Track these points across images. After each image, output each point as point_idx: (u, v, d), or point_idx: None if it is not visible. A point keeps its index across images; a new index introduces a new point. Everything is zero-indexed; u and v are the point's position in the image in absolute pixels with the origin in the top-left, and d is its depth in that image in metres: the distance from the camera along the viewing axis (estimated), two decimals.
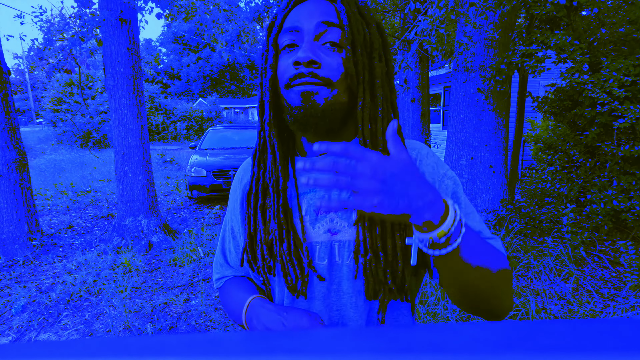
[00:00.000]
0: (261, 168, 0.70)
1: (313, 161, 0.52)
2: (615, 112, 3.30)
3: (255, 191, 0.70)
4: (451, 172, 0.69)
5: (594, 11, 3.76)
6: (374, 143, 0.64)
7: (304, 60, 0.60)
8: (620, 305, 2.68)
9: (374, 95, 0.65)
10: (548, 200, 4.29)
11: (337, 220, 0.67)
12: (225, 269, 0.82)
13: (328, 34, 0.63)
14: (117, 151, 4.21)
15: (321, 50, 0.62)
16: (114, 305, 2.93)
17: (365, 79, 0.64)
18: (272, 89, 0.66)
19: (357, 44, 0.63)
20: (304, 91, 0.61)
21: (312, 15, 0.63)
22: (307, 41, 0.62)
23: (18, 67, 39.75)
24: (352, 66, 0.63)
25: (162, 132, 20.56)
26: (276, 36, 0.66)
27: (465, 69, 4.14)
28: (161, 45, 38.48)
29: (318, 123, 0.63)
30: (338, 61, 0.62)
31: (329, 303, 0.67)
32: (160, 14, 5.16)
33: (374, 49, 0.65)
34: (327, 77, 0.61)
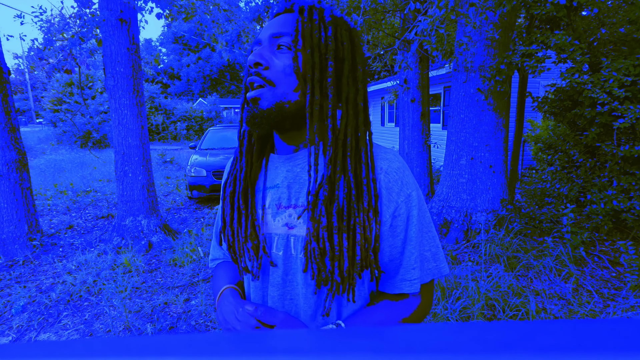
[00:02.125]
0: (237, 159, 0.77)
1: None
2: (615, 112, 3.30)
3: (232, 179, 0.76)
4: (415, 193, 0.71)
5: (594, 11, 3.76)
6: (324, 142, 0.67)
7: (250, 63, 0.68)
8: (620, 305, 2.68)
9: (324, 93, 0.68)
10: (548, 200, 4.29)
11: (294, 215, 0.71)
12: (217, 250, 0.92)
13: (282, 38, 0.69)
14: (117, 151, 4.21)
15: (273, 54, 0.68)
16: (114, 305, 2.93)
17: (316, 77, 0.67)
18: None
19: (307, 45, 0.67)
20: (249, 98, 0.69)
21: (268, 29, 0.70)
22: (260, 47, 0.69)
23: (18, 67, 39.74)
24: (300, 65, 0.67)
25: (162, 132, 20.56)
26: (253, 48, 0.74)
27: (465, 69, 4.14)
28: (161, 45, 38.47)
29: (264, 122, 0.68)
30: (286, 61, 0.68)
31: (283, 292, 0.72)
32: (160, 14, 5.16)
33: (329, 50, 0.68)
34: (271, 79, 0.67)
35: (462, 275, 3.13)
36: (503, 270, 3.19)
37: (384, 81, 10.71)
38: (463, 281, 2.98)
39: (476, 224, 4.10)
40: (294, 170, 0.73)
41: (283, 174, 0.73)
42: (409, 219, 0.70)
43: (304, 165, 0.72)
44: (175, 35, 35.02)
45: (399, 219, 0.69)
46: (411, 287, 0.72)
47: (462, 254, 3.76)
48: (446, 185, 4.42)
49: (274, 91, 0.67)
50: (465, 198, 4.24)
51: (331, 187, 0.65)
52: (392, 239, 0.70)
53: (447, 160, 4.45)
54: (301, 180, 0.71)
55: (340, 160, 0.66)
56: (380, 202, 0.69)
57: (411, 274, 0.71)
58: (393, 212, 0.69)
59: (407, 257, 0.71)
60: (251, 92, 0.69)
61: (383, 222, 0.69)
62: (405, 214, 0.70)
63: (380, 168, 0.70)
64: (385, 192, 0.69)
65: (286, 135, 0.74)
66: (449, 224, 4.24)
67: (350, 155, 0.66)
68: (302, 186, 0.71)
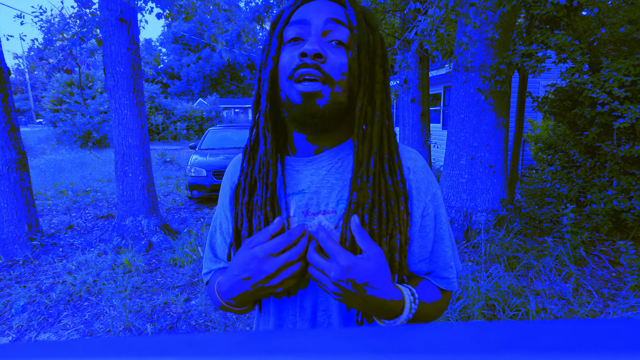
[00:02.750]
0: (251, 164, 0.69)
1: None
2: (615, 112, 3.30)
3: (244, 186, 0.69)
4: (439, 191, 0.70)
5: (594, 11, 3.76)
6: (366, 146, 0.63)
7: (311, 52, 0.59)
8: (620, 305, 2.68)
9: (372, 98, 0.65)
10: (548, 200, 4.29)
11: (324, 222, 0.66)
12: (213, 263, 0.81)
13: (335, 32, 0.63)
14: (117, 151, 4.21)
15: (327, 47, 0.62)
16: (114, 305, 2.93)
17: (366, 82, 0.64)
18: (271, 82, 0.65)
19: (362, 46, 0.63)
20: (304, 92, 0.60)
21: (321, 12, 0.63)
22: (315, 34, 0.62)
23: (18, 67, 39.74)
24: (357, 67, 0.62)
25: (162, 132, 20.56)
26: (282, 29, 0.66)
27: (465, 69, 4.14)
28: (161, 45, 38.46)
29: (317, 123, 0.63)
30: (343, 60, 0.62)
31: (316, 302, 0.68)
32: (160, 14, 5.16)
33: (376, 55, 0.66)
34: (329, 74, 0.61)
35: (462, 275, 3.13)
36: (503, 270, 3.19)
37: None
38: (463, 281, 2.98)
39: (476, 224, 4.10)
40: (319, 174, 0.68)
41: (307, 178, 0.68)
42: (437, 217, 0.69)
43: (330, 168, 0.68)
44: (175, 35, 35.02)
45: (427, 219, 0.68)
46: (449, 285, 0.71)
47: (462, 254, 3.76)
48: (446, 185, 4.42)
49: (332, 88, 0.62)
50: (465, 198, 4.24)
51: (372, 196, 0.62)
52: (421, 240, 0.68)
53: (447, 160, 4.45)
54: (328, 184, 0.67)
55: (379, 164, 0.64)
56: (411, 203, 0.67)
57: (449, 272, 0.70)
58: (422, 212, 0.67)
59: (442, 255, 0.70)
60: (308, 84, 0.60)
61: (413, 224, 0.67)
62: (433, 213, 0.68)
63: (408, 168, 0.68)
64: (415, 193, 0.67)
65: (314, 136, 0.68)
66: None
67: (387, 158, 0.65)
68: (331, 190, 0.67)
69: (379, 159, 0.64)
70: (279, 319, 0.71)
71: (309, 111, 0.61)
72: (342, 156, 0.69)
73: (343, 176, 0.67)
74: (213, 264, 0.81)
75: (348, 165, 0.68)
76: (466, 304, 2.67)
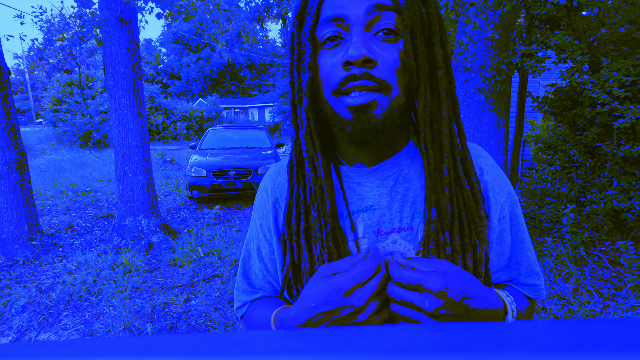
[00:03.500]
0: (300, 184, 0.59)
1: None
2: (615, 112, 3.30)
3: (297, 212, 0.59)
4: (512, 190, 0.62)
5: (594, 11, 3.76)
6: (437, 149, 0.54)
7: (357, 58, 0.49)
8: (620, 305, 2.68)
9: (436, 90, 0.54)
10: (548, 200, 4.29)
11: (400, 242, 0.57)
12: (249, 294, 0.69)
13: (382, 20, 0.51)
14: (117, 151, 4.21)
15: (374, 43, 0.51)
16: (114, 305, 2.93)
17: (426, 73, 0.53)
18: (310, 94, 0.55)
19: (416, 29, 0.52)
20: (355, 105, 0.50)
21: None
22: (358, 33, 0.50)
23: (18, 67, 39.75)
24: (412, 59, 0.52)
25: (162, 132, 20.57)
26: (313, 28, 0.54)
27: (465, 69, 4.14)
28: (161, 45, 38.47)
29: (378, 138, 0.52)
30: (395, 55, 0.51)
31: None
32: (160, 14, 5.16)
33: (432, 33, 0.54)
34: (384, 80, 0.50)
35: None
36: None
37: None
38: None
39: None
40: (387, 185, 0.58)
41: (374, 191, 0.58)
42: (513, 219, 0.61)
43: (397, 177, 0.58)
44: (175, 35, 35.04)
45: (504, 222, 0.60)
46: (537, 294, 0.62)
47: None
48: None
49: (389, 94, 0.51)
50: None
51: (451, 209, 0.54)
52: (499, 246, 0.60)
53: None
54: (398, 196, 0.58)
55: (452, 169, 0.54)
56: (488, 206, 0.58)
57: (534, 279, 0.62)
58: (499, 215, 0.59)
59: (524, 260, 0.61)
60: (362, 96, 0.50)
61: (492, 229, 0.58)
62: (509, 214, 0.60)
63: (481, 168, 0.59)
64: (491, 195, 0.58)
65: (371, 150, 0.58)
66: None
67: (460, 159, 0.56)
68: (403, 204, 0.57)
69: (452, 162, 0.55)
70: None
71: (366, 127, 0.51)
72: (407, 162, 0.59)
73: (412, 185, 0.58)
74: (247, 295, 0.69)
75: (415, 172, 0.59)
76: None
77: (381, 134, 0.52)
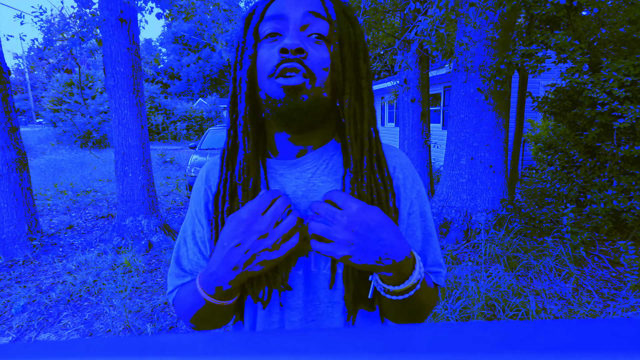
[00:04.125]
0: (229, 169, 0.65)
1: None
2: (615, 112, 3.30)
3: (223, 193, 0.64)
4: (423, 189, 0.69)
5: (594, 11, 3.76)
6: (358, 144, 0.61)
7: (292, 47, 0.56)
8: (620, 305, 2.68)
9: (360, 95, 0.62)
10: (548, 200, 4.29)
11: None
12: (180, 278, 0.72)
13: (314, 25, 0.60)
14: (117, 151, 4.21)
15: (307, 42, 0.59)
16: (114, 305, 2.93)
17: (351, 77, 0.61)
18: (249, 81, 0.61)
19: (344, 40, 0.60)
20: (287, 85, 0.57)
21: (298, 5, 0.60)
22: (294, 29, 0.58)
23: (18, 67, 39.73)
24: (339, 62, 0.60)
25: (162, 132, 20.58)
26: (257, 25, 0.62)
27: (465, 69, 4.14)
28: (161, 45, 38.47)
29: (302, 118, 0.59)
30: (324, 55, 0.59)
31: (306, 314, 0.65)
32: (160, 14, 5.16)
33: (358, 49, 0.63)
34: (311, 70, 0.58)
35: (462, 275, 3.13)
36: (503, 270, 3.19)
37: (384, 81, 10.72)
38: (463, 281, 2.98)
39: (476, 224, 4.10)
40: (304, 177, 0.65)
41: (292, 182, 0.65)
42: (423, 215, 0.68)
43: (315, 170, 0.65)
44: (175, 35, 35.03)
45: (413, 217, 0.67)
46: (439, 280, 0.70)
47: (462, 254, 3.76)
48: (446, 185, 4.42)
49: (313, 84, 0.58)
50: (465, 198, 4.24)
51: (366, 196, 0.60)
52: (409, 239, 0.67)
53: (447, 160, 4.45)
54: (314, 187, 0.65)
55: (369, 163, 0.61)
56: (398, 201, 0.66)
57: (439, 267, 0.70)
58: (408, 210, 0.66)
59: (432, 252, 0.69)
60: (291, 78, 0.57)
61: (401, 222, 0.66)
62: (419, 210, 0.67)
63: (394, 167, 0.67)
64: (402, 190, 0.66)
65: (298, 136, 0.65)
66: (449, 224, 4.24)
67: (377, 157, 0.63)
68: (318, 194, 0.64)
69: (370, 157, 0.62)
70: None
71: (294, 106, 0.58)
72: (327, 158, 0.66)
73: (329, 178, 0.65)
74: (179, 279, 0.71)
75: (334, 166, 0.65)
76: (466, 304, 2.67)
77: (305, 115, 0.59)
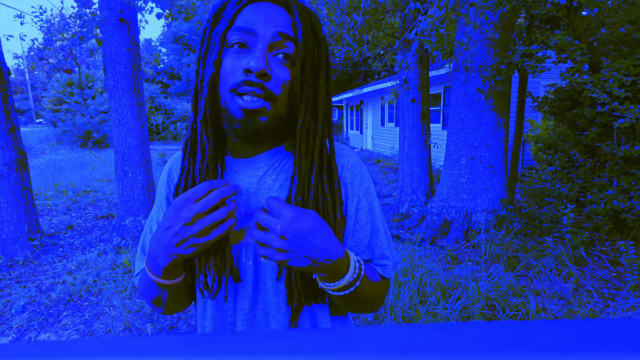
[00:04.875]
0: (191, 163, 0.68)
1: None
2: (615, 112, 3.30)
3: (184, 185, 0.68)
4: (372, 186, 0.74)
5: (594, 11, 3.76)
6: (307, 159, 0.65)
7: (256, 70, 0.58)
8: (620, 305, 2.68)
9: (315, 112, 0.66)
10: (548, 200, 4.29)
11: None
12: (143, 262, 0.78)
13: (282, 45, 0.62)
14: (117, 151, 4.21)
15: (273, 62, 0.61)
16: (114, 305, 2.93)
17: (309, 97, 0.64)
18: (211, 86, 0.63)
19: (307, 62, 0.63)
20: (247, 108, 0.60)
21: (269, 22, 0.61)
22: (261, 49, 0.60)
23: (18, 67, 39.73)
24: (299, 84, 0.63)
25: (162, 132, 20.58)
26: (225, 33, 0.63)
27: (465, 69, 4.14)
28: (161, 45, 38.49)
29: (260, 138, 0.64)
30: (286, 77, 0.62)
31: (255, 302, 0.69)
32: (160, 14, 5.16)
33: (320, 69, 0.66)
34: (272, 92, 0.61)
35: (462, 275, 3.13)
36: (503, 270, 3.19)
37: (384, 81, 10.72)
38: (463, 281, 2.98)
39: (476, 224, 4.10)
40: (257, 175, 0.69)
41: (245, 179, 0.69)
42: (371, 211, 0.72)
43: (267, 169, 0.69)
44: (175, 35, 35.04)
45: (361, 212, 0.71)
46: (385, 271, 0.74)
47: (462, 254, 3.76)
48: (446, 185, 4.42)
49: (274, 106, 0.62)
50: (465, 198, 4.24)
51: (312, 204, 0.64)
52: (358, 233, 0.71)
53: (447, 160, 4.45)
54: (266, 185, 0.69)
55: (318, 176, 0.65)
56: (346, 198, 0.70)
57: (385, 260, 0.74)
58: (356, 206, 0.71)
59: (378, 246, 0.73)
60: (253, 102, 0.60)
61: (349, 217, 0.70)
62: (367, 207, 0.72)
63: (342, 166, 0.71)
64: (349, 188, 0.70)
65: (254, 147, 0.69)
66: (449, 224, 4.24)
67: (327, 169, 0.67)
68: (268, 191, 0.68)
69: (319, 172, 0.65)
70: (216, 322, 0.72)
71: (252, 127, 0.61)
72: (279, 158, 0.70)
73: (279, 177, 0.69)
74: (143, 262, 0.77)
75: (284, 166, 0.70)
76: (466, 304, 2.67)
77: (261, 137, 0.64)
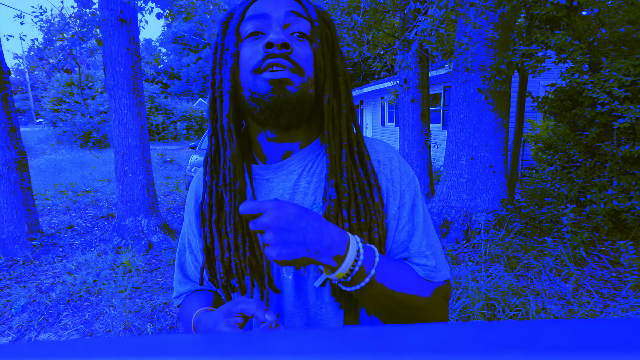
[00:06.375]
0: (214, 178, 0.63)
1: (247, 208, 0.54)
2: (615, 112, 3.30)
3: (209, 202, 0.63)
4: (414, 180, 0.67)
5: (594, 11, 3.76)
6: (337, 138, 0.61)
7: (277, 42, 0.56)
8: (620, 305, 2.68)
9: (337, 91, 0.63)
10: (548, 200, 4.29)
11: None
12: (184, 285, 0.77)
13: (296, 24, 0.61)
14: (117, 151, 4.21)
15: (290, 39, 0.59)
16: (114, 305, 2.93)
17: (330, 74, 0.62)
18: (232, 79, 0.60)
19: (323, 39, 0.62)
20: (274, 79, 0.56)
21: (279, 5, 0.61)
22: (277, 25, 0.59)
23: (18, 67, 39.71)
24: (321, 59, 0.61)
25: (162, 132, 20.57)
26: (238, 25, 0.62)
27: (465, 69, 4.14)
28: (161, 45, 38.48)
29: (291, 111, 0.59)
30: (307, 51, 0.60)
31: (297, 320, 0.65)
32: (160, 14, 5.16)
33: (335, 48, 0.65)
34: (297, 63, 0.58)
35: (462, 275, 3.13)
36: (503, 270, 3.19)
37: (384, 81, 10.71)
38: (463, 281, 2.98)
39: (476, 224, 4.10)
40: (291, 179, 0.65)
41: (279, 185, 0.65)
42: (414, 207, 0.66)
43: (301, 171, 0.65)
44: (175, 35, 35.03)
45: (403, 209, 0.65)
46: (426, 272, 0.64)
47: (462, 254, 3.76)
48: (446, 185, 4.42)
49: (302, 78, 0.59)
50: (465, 198, 4.24)
51: (348, 190, 0.60)
52: (398, 233, 0.64)
53: (447, 160, 4.45)
54: (300, 188, 0.64)
55: (349, 157, 0.62)
56: (387, 195, 0.64)
57: (424, 260, 0.65)
58: (398, 203, 0.65)
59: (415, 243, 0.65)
60: (279, 72, 0.57)
61: (391, 216, 0.64)
62: (410, 202, 0.65)
63: (378, 161, 0.66)
64: (389, 184, 0.65)
65: (284, 134, 0.64)
66: (449, 224, 4.24)
67: (357, 151, 0.63)
68: (305, 195, 0.64)
69: (349, 151, 0.62)
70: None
71: (281, 99, 0.57)
72: (312, 158, 0.66)
73: (314, 178, 0.64)
74: (183, 286, 0.77)
75: (319, 166, 0.65)
76: (466, 304, 2.67)
77: (292, 109, 0.59)
